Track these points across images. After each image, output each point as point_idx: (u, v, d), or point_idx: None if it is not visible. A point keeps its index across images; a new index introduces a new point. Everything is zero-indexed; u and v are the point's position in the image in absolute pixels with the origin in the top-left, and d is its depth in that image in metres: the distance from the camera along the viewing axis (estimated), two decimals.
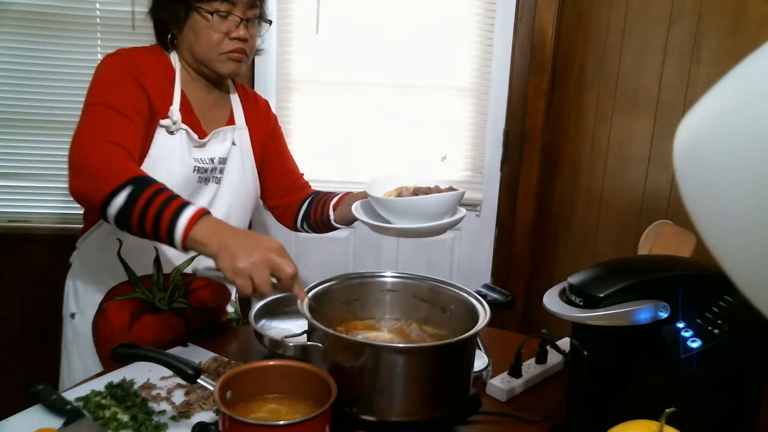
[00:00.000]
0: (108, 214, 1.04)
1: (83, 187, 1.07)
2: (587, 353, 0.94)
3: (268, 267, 0.96)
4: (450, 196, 1.16)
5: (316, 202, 1.44)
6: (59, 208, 2.22)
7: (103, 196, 1.02)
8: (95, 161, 1.07)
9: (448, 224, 1.17)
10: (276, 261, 0.96)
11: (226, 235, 0.98)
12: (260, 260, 0.95)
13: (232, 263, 0.95)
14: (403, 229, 1.17)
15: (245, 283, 0.95)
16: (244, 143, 1.38)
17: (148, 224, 1.01)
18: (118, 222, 1.04)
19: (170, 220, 0.99)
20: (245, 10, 1.25)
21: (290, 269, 0.98)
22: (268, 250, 0.97)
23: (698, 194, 0.48)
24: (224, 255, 0.96)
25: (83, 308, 1.34)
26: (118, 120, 1.13)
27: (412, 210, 1.15)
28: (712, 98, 0.47)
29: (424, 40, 2.24)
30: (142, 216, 1.01)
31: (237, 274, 0.94)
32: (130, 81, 1.18)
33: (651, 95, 1.72)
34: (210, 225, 1.00)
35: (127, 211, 1.02)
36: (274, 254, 0.97)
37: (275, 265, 0.96)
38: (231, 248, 0.96)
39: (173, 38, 1.28)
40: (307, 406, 0.90)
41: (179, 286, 1.35)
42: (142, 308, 1.34)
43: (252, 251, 0.95)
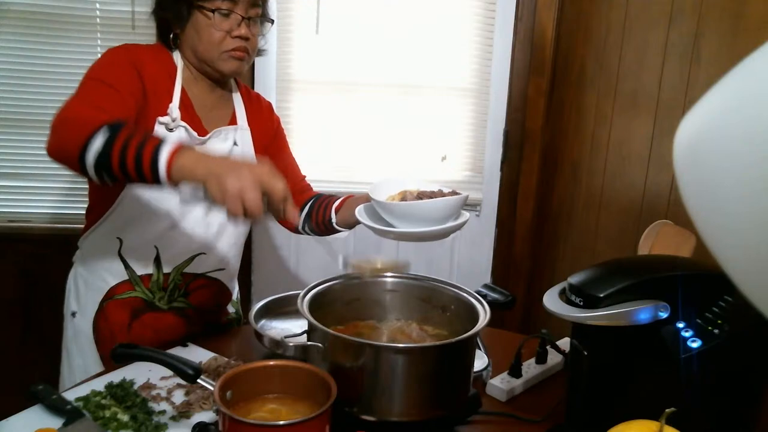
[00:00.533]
0: (86, 162, 0.99)
1: (59, 141, 1.03)
2: (587, 353, 0.94)
3: (258, 187, 0.93)
4: (454, 200, 1.16)
5: (317, 205, 1.44)
6: (59, 208, 2.22)
7: (80, 144, 0.99)
8: (73, 117, 1.05)
9: (452, 228, 1.17)
10: (265, 179, 0.94)
11: (212, 161, 0.96)
12: (250, 181, 0.92)
13: (221, 186, 0.92)
14: (407, 233, 1.16)
15: (236, 205, 0.92)
16: (246, 144, 1.38)
17: (129, 160, 0.97)
18: (97, 167, 0.99)
19: (153, 152, 0.96)
20: (247, 9, 1.25)
21: (280, 185, 0.96)
22: (257, 171, 0.94)
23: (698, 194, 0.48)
24: (212, 179, 0.93)
25: (84, 307, 1.35)
26: (109, 93, 1.13)
27: (415, 214, 1.15)
28: (712, 98, 0.47)
29: (424, 40, 2.24)
30: (123, 153, 0.97)
31: (227, 197, 0.91)
32: (128, 66, 1.20)
33: (651, 95, 1.72)
34: (194, 153, 0.98)
35: (105, 152, 0.98)
36: (263, 173, 0.95)
37: (264, 183, 0.94)
38: (219, 172, 0.93)
39: (176, 37, 1.29)
40: (307, 406, 0.90)
41: (179, 286, 1.35)
42: (142, 307, 1.34)
43: (241, 173, 0.93)
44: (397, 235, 1.18)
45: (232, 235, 1.40)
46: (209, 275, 1.39)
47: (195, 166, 0.95)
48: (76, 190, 2.19)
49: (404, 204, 1.15)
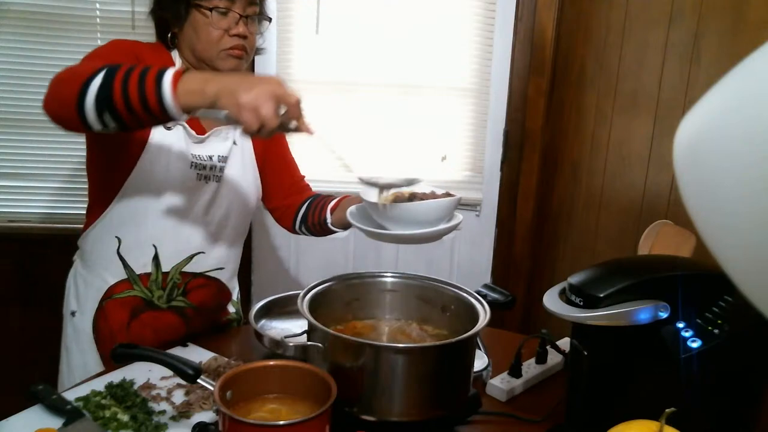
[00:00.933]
0: (86, 105, 0.95)
1: (56, 91, 1.00)
2: (587, 353, 0.94)
3: (272, 98, 0.92)
4: (446, 202, 1.14)
5: (314, 205, 1.44)
6: (59, 208, 2.22)
7: (78, 86, 0.95)
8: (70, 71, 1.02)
9: (444, 230, 1.15)
10: (279, 91, 0.94)
11: (221, 78, 0.95)
12: (264, 92, 0.92)
13: (235, 99, 0.91)
14: (399, 236, 1.14)
15: (251, 117, 0.91)
16: (246, 143, 1.38)
17: (132, 93, 0.93)
18: (99, 106, 0.94)
19: (155, 79, 0.93)
20: (245, 7, 1.25)
21: (295, 96, 0.95)
22: (269, 83, 0.94)
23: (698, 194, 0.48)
24: (225, 94, 0.92)
25: (83, 306, 1.35)
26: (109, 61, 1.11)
27: (407, 216, 1.13)
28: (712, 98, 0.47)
29: (424, 40, 2.24)
30: (125, 85, 0.94)
31: (242, 109, 0.90)
32: (131, 55, 1.20)
33: (651, 95, 1.72)
34: (199, 74, 0.97)
35: (106, 87, 0.94)
36: (276, 85, 0.94)
37: (279, 94, 0.94)
38: (231, 86, 0.92)
39: (174, 37, 1.29)
40: (307, 406, 0.90)
41: (178, 285, 1.35)
42: (141, 307, 1.34)
43: (253, 85, 0.92)
44: (389, 238, 1.16)
45: (231, 233, 1.40)
46: (208, 274, 1.39)
47: (204, 86, 0.94)
48: (76, 190, 2.19)
49: (395, 205, 1.14)
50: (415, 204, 1.13)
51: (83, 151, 1.31)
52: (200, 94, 0.93)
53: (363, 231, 1.17)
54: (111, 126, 0.98)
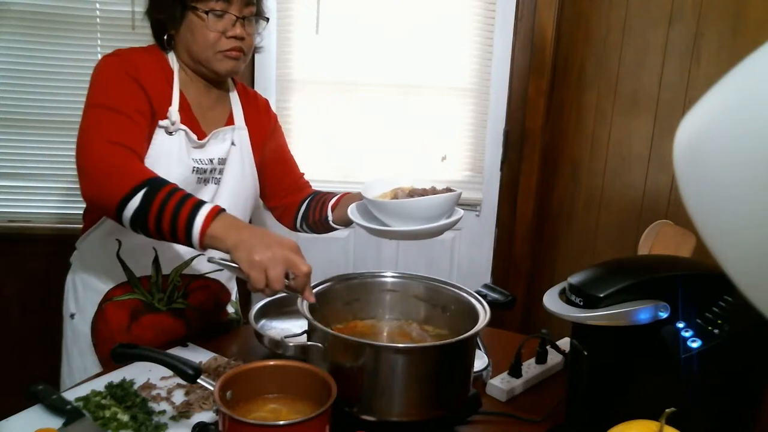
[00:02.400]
0: (124, 217, 1.05)
1: (96, 191, 1.09)
2: (587, 353, 0.94)
3: (283, 263, 0.97)
4: (446, 198, 1.14)
5: (315, 203, 1.44)
6: (59, 208, 2.22)
7: (119, 199, 1.04)
8: (105, 164, 1.09)
9: (445, 226, 1.16)
10: (292, 258, 0.98)
11: (244, 231, 1.01)
12: (277, 255, 0.96)
13: (249, 255, 0.96)
14: (400, 232, 1.15)
15: (259, 276, 0.96)
16: (244, 143, 1.38)
17: (165, 224, 1.03)
18: (133, 224, 1.05)
19: (187, 219, 1.01)
20: (241, 9, 1.24)
21: (305, 268, 0.99)
22: (285, 247, 0.98)
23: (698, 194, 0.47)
24: (242, 247, 0.97)
25: (83, 308, 1.34)
26: (120, 121, 1.14)
27: (407, 212, 1.13)
28: (712, 98, 0.47)
29: (424, 40, 2.24)
30: (159, 216, 1.03)
31: (253, 267, 0.96)
32: (129, 81, 1.18)
33: (651, 95, 1.72)
34: (227, 221, 1.03)
35: (143, 212, 1.03)
36: (291, 251, 0.99)
37: (291, 261, 0.98)
38: (249, 242, 0.97)
39: (170, 38, 1.28)
40: (307, 406, 0.90)
41: (178, 287, 1.35)
42: (141, 309, 1.34)
43: (270, 246, 0.97)
44: (390, 234, 1.16)
45: None
46: (208, 276, 1.39)
47: (227, 235, 1.00)
48: (76, 190, 2.17)
49: (396, 202, 1.14)
50: (416, 200, 1.13)
51: None
52: (221, 241, 1.00)
53: (365, 228, 1.17)
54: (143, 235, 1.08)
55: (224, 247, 1.00)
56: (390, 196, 1.19)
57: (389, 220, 1.15)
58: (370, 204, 1.17)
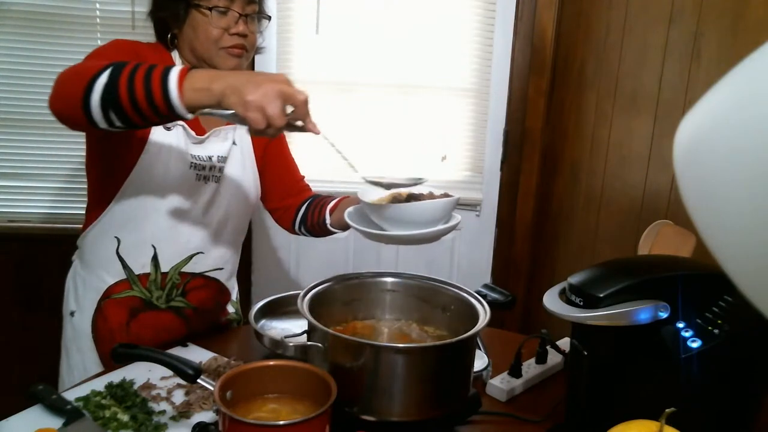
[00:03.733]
0: (92, 102, 0.94)
1: (61, 89, 1.00)
2: (587, 353, 0.94)
3: (279, 96, 0.92)
4: (443, 203, 1.12)
5: (313, 206, 1.43)
6: (59, 208, 2.22)
7: (84, 84, 0.95)
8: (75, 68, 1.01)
9: (442, 231, 1.13)
10: (286, 89, 0.93)
11: (227, 76, 0.94)
12: (270, 90, 0.91)
13: (241, 97, 0.90)
14: (396, 236, 1.13)
15: (258, 116, 0.91)
16: (245, 143, 1.38)
17: (138, 91, 0.93)
18: (104, 104, 0.94)
19: (161, 77, 0.93)
20: (244, 6, 1.25)
21: (302, 96, 0.95)
22: (276, 81, 0.93)
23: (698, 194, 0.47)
24: (231, 92, 0.91)
25: (82, 306, 1.35)
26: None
27: (404, 216, 1.11)
28: (712, 98, 0.47)
29: (424, 40, 2.24)
30: (131, 82, 0.93)
31: (248, 108, 0.90)
32: (132, 54, 1.19)
33: (651, 95, 1.72)
34: (205, 72, 0.96)
35: (112, 84, 0.94)
36: (283, 84, 0.94)
37: (286, 93, 0.93)
38: (237, 84, 0.91)
39: (174, 37, 1.29)
40: (307, 406, 0.90)
41: (177, 285, 1.35)
42: (140, 307, 1.34)
43: (260, 83, 0.91)
44: (387, 238, 1.15)
45: (230, 234, 1.40)
46: (207, 275, 1.39)
47: (210, 82, 0.93)
48: (76, 189, 2.19)
49: (393, 206, 1.13)
50: (413, 204, 1.12)
51: (83, 151, 1.31)
52: (206, 91, 0.93)
53: (361, 232, 1.16)
54: (116, 124, 0.98)
55: (211, 96, 0.92)
56: (388, 200, 1.18)
57: (386, 224, 1.14)
58: (367, 207, 1.16)
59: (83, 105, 0.95)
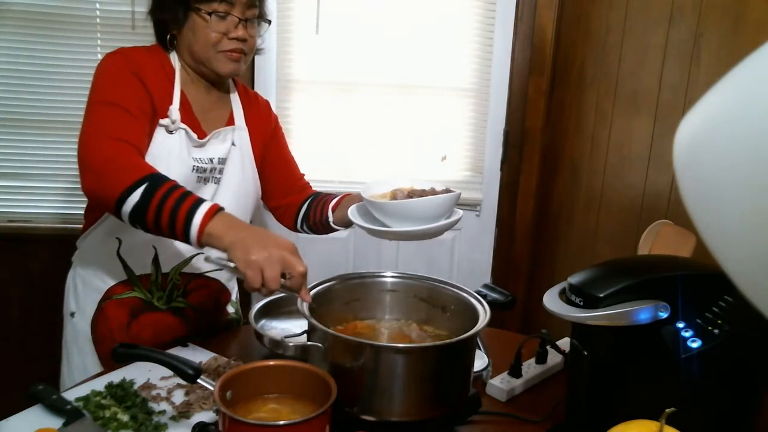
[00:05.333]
0: (123, 211, 1.05)
1: (96, 185, 1.08)
2: (587, 353, 0.94)
3: (280, 263, 0.97)
4: (445, 198, 1.14)
5: (315, 204, 1.44)
6: (59, 208, 2.22)
7: (118, 193, 1.04)
8: (106, 159, 1.08)
9: (444, 226, 1.16)
10: (288, 258, 0.98)
11: (242, 230, 1.01)
12: (273, 255, 0.96)
13: (245, 255, 0.96)
14: (399, 232, 1.15)
15: (255, 275, 0.95)
16: (244, 144, 1.38)
17: (164, 220, 1.03)
18: (132, 218, 1.05)
19: (186, 216, 1.01)
20: (244, 11, 1.25)
21: (301, 268, 0.99)
22: (282, 247, 0.98)
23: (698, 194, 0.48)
24: (239, 247, 0.97)
25: (83, 307, 1.35)
26: (123, 117, 1.14)
27: (406, 213, 1.13)
28: (712, 98, 0.47)
29: (424, 40, 2.24)
30: (158, 212, 1.03)
31: (249, 266, 0.95)
32: (132, 78, 1.19)
33: (651, 95, 1.72)
34: (225, 220, 1.03)
35: (142, 207, 1.03)
36: (288, 252, 0.98)
37: (287, 262, 0.98)
38: (246, 241, 0.97)
39: (173, 39, 1.28)
40: (307, 406, 0.90)
41: (178, 286, 1.35)
42: (141, 308, 1.34)
43: (266, 246, 0.97)
44: (390, 235, 1.17)
45: None
46: (208, 275, 1.39)
47: (225, 233, 1.00)
48: (76, 190, 2.19)
49: (395, 203, 1.14)
50: (416, 200, 1.14)
51: None
52: (219, 239, 1.00)
53: (365, 229, 1.17)
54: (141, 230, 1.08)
55: (222, 245, 1.00)
56: (389, 196, 1.19)
57: (389, 221, 1.16)
58: (370, 205, 1.17)
59: (115, 211, 1.07)
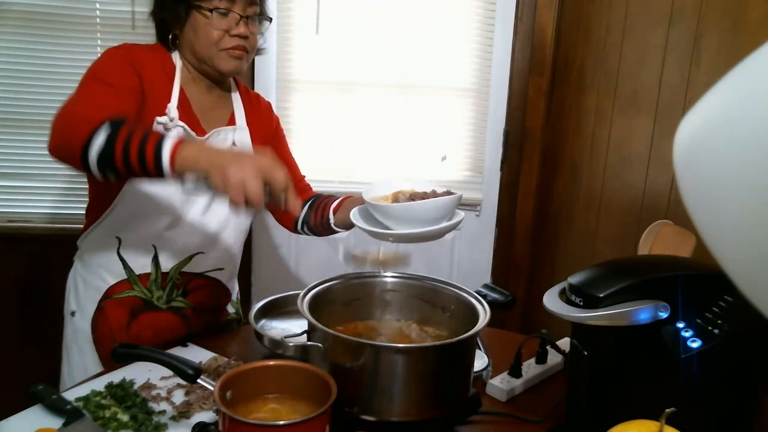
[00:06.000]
0: (89, 159, 1.01)
1: (61, 139, 1.05)
2: (587, 353, 0.94)
3: (259, 177, 0.94)
4: (446, 201, 1.14)
5: (316, 206, 1.44)
6: (59, 208, 2.22)
7: (82, 141, 1.00)
8: (67, 116, 1.07)
9: (446, 228, 1.15)
10: (267, 171, 0.96)
11: (214, 152, 0.99)
12: (252, 170, 0.94)
13: (223, 175, 0.94)
14: (401, 235, 1.15)
15: (237, 194, 0.93)
16: (245, 144, 1.38)
17: (132, 155, 0.99)
18: (101, 163, 1.01)
19: (155, 146, 0.98)
20: (245, 7, 1.25)
21: (282, 177, 0.97)
22: (258, 161, 0.96)
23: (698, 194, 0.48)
24: (215, 169, 0.95)
25: (83, 306, 1.35)
26: (107, 92, 1.15)
27: (409, 215, 1.13)
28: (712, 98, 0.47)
29: (424, 40, 2.24)
30: (126, 149, 0.99)
31: (229, 186, 0.93)
32: (126, 64, 1.21)
33: (651, 95, 1.72)
34: (196, 145, 1.01)
35: (108, 148, 1.00)
36: (265, 164, 0.96)
37: (267, 174, 0.96)
38: (221, 162, 0.95)
39: (174, 38, 1.29)
40: (307, 406, 0.90)
41: (177, 285, 1.35)
42: (141, 307, 1.34)
43: (243, 163, 0.95)
44: (392, 237, 1.16)
45: (231, 234, 1.40)
46: (208, 275, 1.39)
47: (198, 157, 0.97)
48: (76, 189, 2.19)
49: (396, 205, 1.14)
50: (417, 203, 1.14)
51: None
52: (193, 164, 0.98)
53: (366, 231, 1.17)
54: (111, 177, 1.04)
55: (197, 169, 0.97)
56: (391, 199, 1.20)
57: (390, 223, 1.16)
58: (372, 207, 1.17)
59: (81, 161, 1.02)
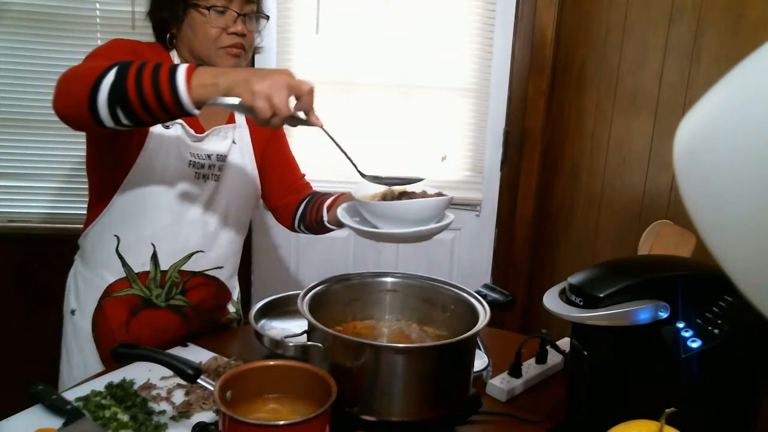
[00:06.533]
0: (98, 102, 0.97)
1: (67, 88, 1.02)
2: (587, 353, 0.94)
3: (285, 87, 0.95)
4: (435, 202, 1.11)
5: (312, 204, 1.44)
6: (59, 208, 2.22)
7: (90, 84, 0.97)
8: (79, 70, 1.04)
9: (434, 230, 1.12)
10: (292, 81, 0.97)
11: (233, 72, 0.98)
12: (277, 81, 0.95)
13: (249, 88, 0.94)
14: (387, 234, 1.12)
15: (264, 105, 0.94)
16: (245, 142, 1.38)
17: (147, 88, 0.96)
18: (111, 103, 0.97)
19: (169, 75, 0.96)
20: (242, 5, 1.25)
21: (308, 86, 0.98)
22: (281, 73, 0.97)
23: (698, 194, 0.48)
24: (239, 83, 0.95)
25: (83, 305, 1.35)
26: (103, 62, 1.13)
27: (396, 214, 1.11)
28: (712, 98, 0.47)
29: (424, 40, 2.24)
30: (138, 83, 0.96)
31: (256, 97, 0.93)
32: (130, 52, 1.21)
33: (651, 95, 1.72)
34: (211, 69, 1.00)
35: (119, 83, 0.96)
36: (288, 76, 0.97)
37: (292, 84, 0.97)
38: (244, 77, 0.95)
39: (172, 37, 1.29)
40: (307, 406, 0.90)
41: (176, 283, 1.35)
42: (140, 305, 1.34)
43: (265, 75, 0.95)
44: (378, 236, 1.14)
45: (230, 233, 1.40)
46: (207, 273, 1.39)
47: (217, 79, 0.97)
48: (76, 189, 2.19)
49: (383, 203, 1.12)
50: (405, 202, 1.11)
51: (83, 151, 1.31)
52: (213, 87, 0.97)
53: (353, 229, 1.15)
54: (123, 122, 1.00)
55: (218, 91, 0.96)
56: (380, 197, 1.17)
57: (377, 222, 1.13)
58: (359, 204, 1.15)
59: (89, 104, 0.98)
